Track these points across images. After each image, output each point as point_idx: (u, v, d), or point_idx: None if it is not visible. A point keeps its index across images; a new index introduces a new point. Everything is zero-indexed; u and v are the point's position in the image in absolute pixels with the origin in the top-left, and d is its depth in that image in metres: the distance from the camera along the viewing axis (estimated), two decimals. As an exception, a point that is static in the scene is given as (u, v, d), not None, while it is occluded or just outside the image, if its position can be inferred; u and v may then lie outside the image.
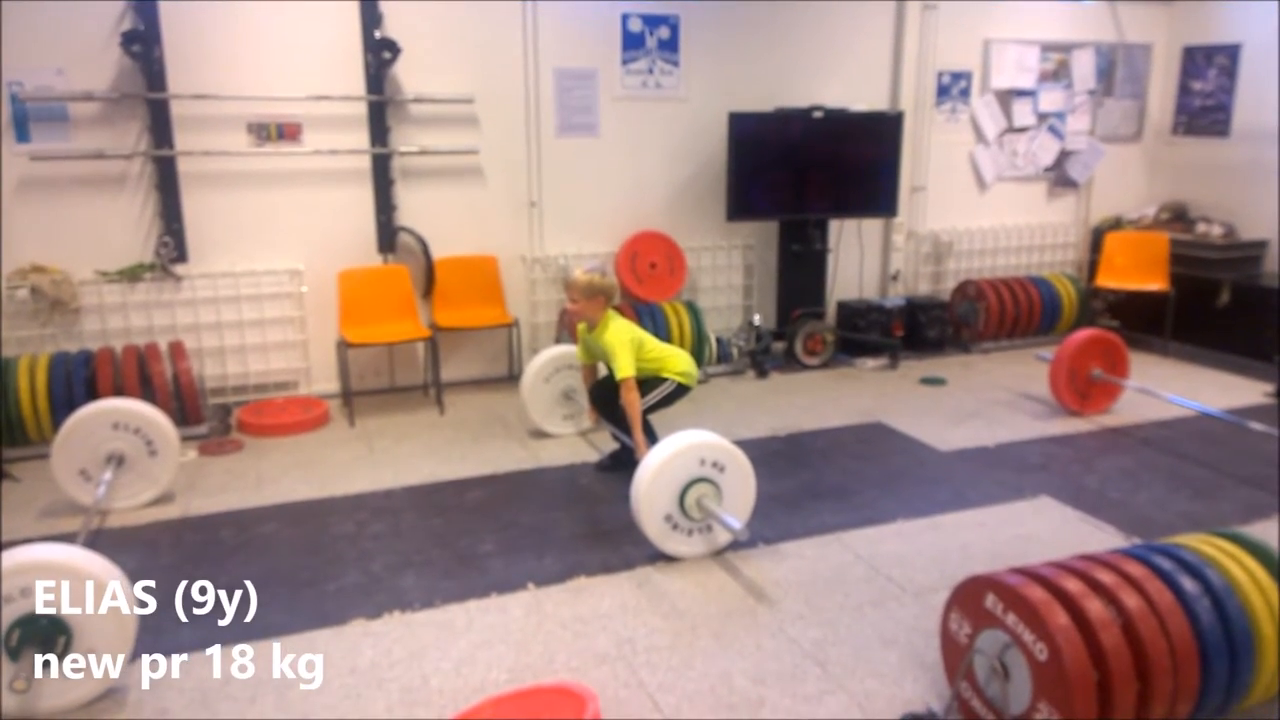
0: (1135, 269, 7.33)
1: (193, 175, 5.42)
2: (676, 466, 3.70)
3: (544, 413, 5.28)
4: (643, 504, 3.69)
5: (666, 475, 3.69)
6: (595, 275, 4.45)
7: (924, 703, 2.84)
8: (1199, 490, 4.53)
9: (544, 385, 5.26)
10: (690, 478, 3.72)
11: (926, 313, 7.06)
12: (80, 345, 5.27)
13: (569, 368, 5.26)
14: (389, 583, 3.63)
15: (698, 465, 3.73)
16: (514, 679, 2.98)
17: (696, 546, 3.81)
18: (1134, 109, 7.84)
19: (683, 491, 3.71)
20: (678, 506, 3.72)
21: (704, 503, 3.72)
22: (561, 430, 5.32)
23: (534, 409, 5.26)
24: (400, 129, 5.80)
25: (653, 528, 3.72)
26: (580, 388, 5.16)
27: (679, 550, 3.79)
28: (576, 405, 5.29)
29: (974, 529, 4.09)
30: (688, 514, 3.74)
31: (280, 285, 5.72)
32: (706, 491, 3.73)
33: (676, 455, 3.71)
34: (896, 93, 7.03)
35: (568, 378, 5.27)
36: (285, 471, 4.80)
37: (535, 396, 5.26)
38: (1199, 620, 2.48)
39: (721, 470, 3.77)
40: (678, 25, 6.31)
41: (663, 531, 3.74)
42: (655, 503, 3.69)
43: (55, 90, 5.08)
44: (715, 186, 6.52)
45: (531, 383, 5.25)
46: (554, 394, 5.28)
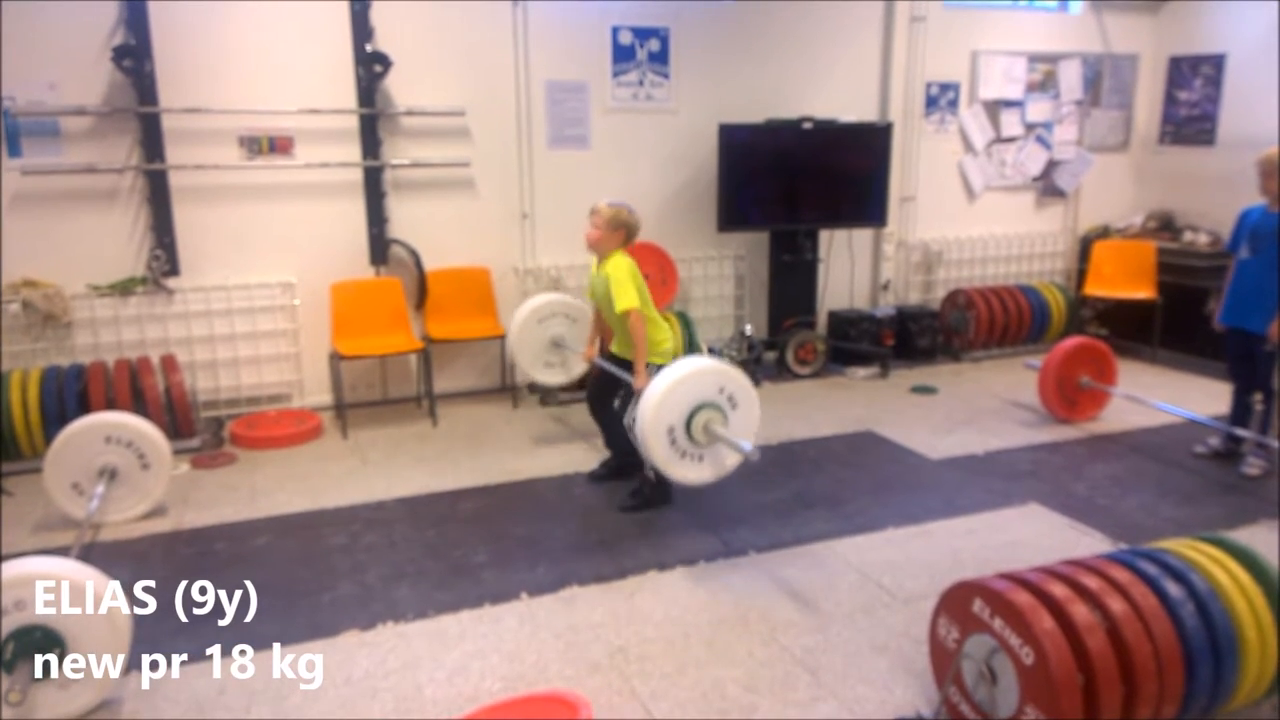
0: (1123, 277, 7.38)
1: (184, 189, 5.44)
2: (694, 385, 3.63)
3: (531, 357, 5.23)
4: (650, 414, 3.59)
5: (682, 390, 3.61)
6: (621, 209, 4.36)
7: (913, 708, 2.86)
8: (1185, 496, 4.57)
9: (536, 327, 5.20)
10: (703, 401, 3.64)
11: (917, 322, 7.11)
12: (72, 359, 5.28)
13: (563, 315, 5.23)
14: (383, 593, 3.64)
15: (715, 391, 3.66)
16: (507, 688, 3.00)
17: (703, 471, 3.75)
18: (1121, 119, 7.91)
19: (692, 412, 3.63)
20: (684, 427, 3.64)
21: (711, 427, 3.65)
22: (544, 378, 5.30)
23: (522, 353, 5.21)
24: (392, 142, 5.83)
25: (657, 443, 3.62)
26: (569, 337, 5.18)
27: (684, 474, 3.72)
28: (563, 355, 5.25)
29: (964, 536, 4.12)
30: (692, 436, 3.66)
31: (273, 298, 5.73)
32: (715, 417, 3.67)
33: (699, 373, 3.65)
34: (885, 103, 7.09)
35: (559, 325, 5.23)
36: (278, 484, 4.81)
37: (525, 338, 5.20)
38: (1183, 624, 2.52)
39: (734, 406, 3.71)
40: (668, 37, 6.36)
41: (666, 449, 3.65)
42: (662, 415, 3.60)
43: (47, 105, 5.10)
44: (706, 197, 6.56)
45: (523, 323, 5.18)
46: (543, 339, 5.23)
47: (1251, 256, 4.78)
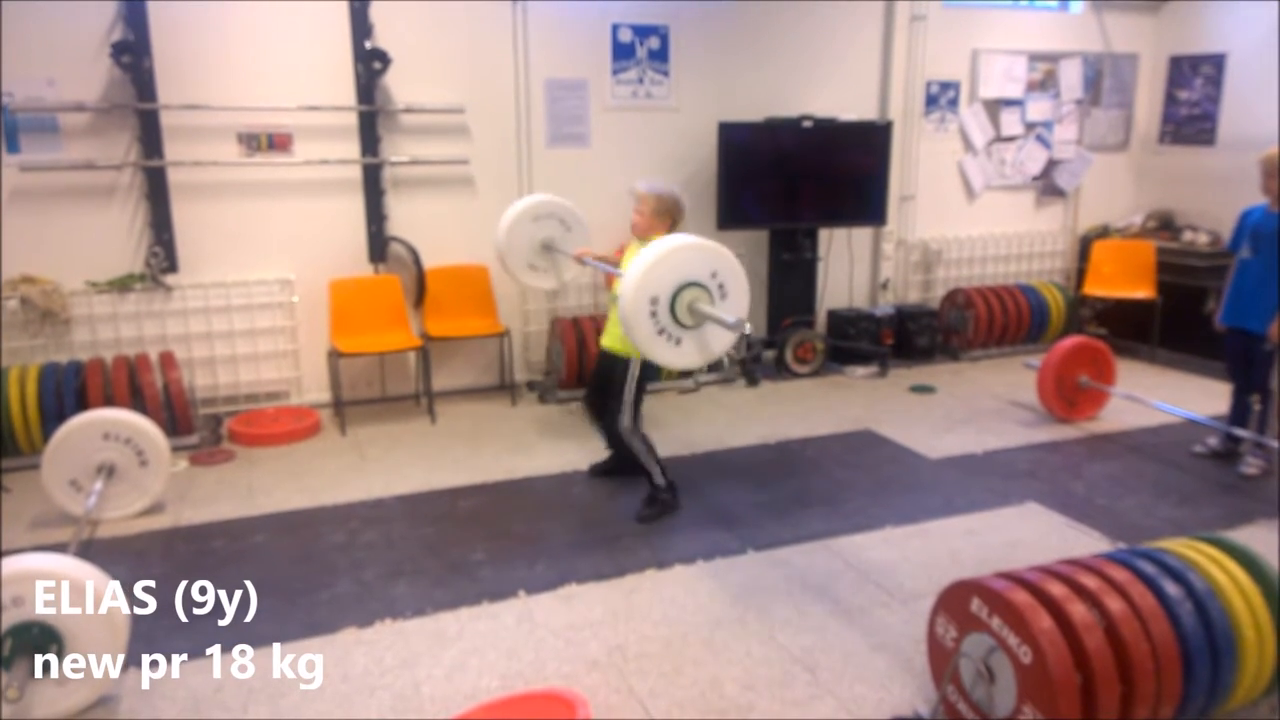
0: (1122, 277, 7.38)
1: (183, 185, 5.43)
2: (682, 260, 3.37)
3: (519, 255, 5.00)
4: (633, 288, 3.34)
5: (668, 265, 3.35)
6: (666, 194, 4.16)
7: (912, 707, 2.86)
8: (1184, 496, 4.57)
9: (530, 225, 4.97)
10: (689, 279, 3.37)
11: (916, 321, 7.10)
12: (70, 356, 5.28)
13: (558, 219, 5.02)
14: (381, 591, 3.64)
15: (705, 274, 3.39)
16: (505, 686, 3.00)
17: (688, 354, 3.50)
18: (1121, 118, 7.91)
19: (677, 290, 3.36)
20: (668, 305, 3.37)
21: (697, 306, 3.38)
22: (528, 281, 5.10)
23: (511, 249, 4.97)
24: (391, 139, 5.82)
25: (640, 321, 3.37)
26: (561, 241, 4.96)
27: (667, 356, 3.49)
28: (549, 262, 5.04)
29: (962, 535, 4.12)
30: (676, 316, 3.39)
31: (271, 295, 5.73)
32: (700, 296, 3.39)
33: (687, 249, 3.39)
34: (885, 102, 7.08)
35: (551, 227, 5.01)
36: (277, 481, 4.80)
37: (517, 235, 4.96)
38: (1181, 623, 2.52)
39: (724, 295, 3.44)
40: (668, 35, 6.35)
41: (649, 328, 3.39)
42: (645, 289, 3.34)
43: (45, 101, 5.10)
44: (705, 195, 6.55)
45: (516, 219, 4.95)
46: (534, 240, 5.00)
47: (1252, 256, 4.78)
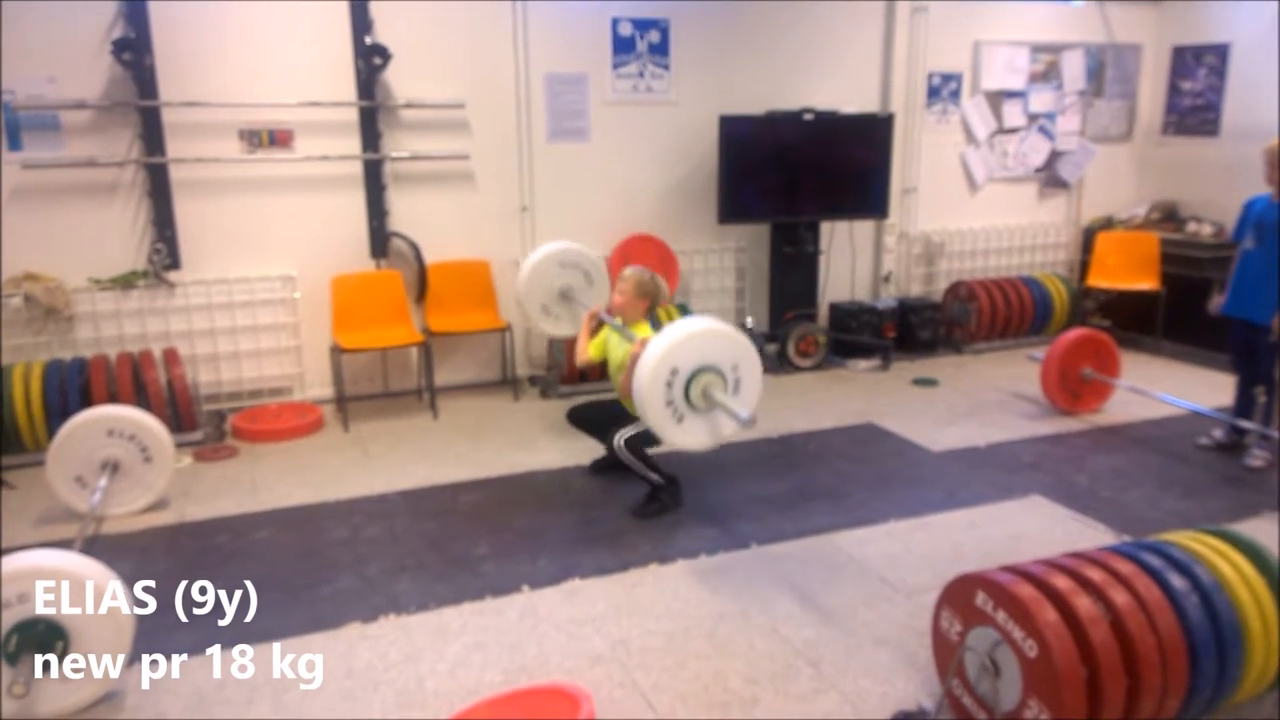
0: (1126, 269, 7.37)
1: (185, 182, 5.43)
2: (713, 343, 3.49)
3: (536, 296, 5.07)
4: (650, 368, 3.42)
5: (701, 342, 3.47)
6: (648, 276, 4.38)
7: (915, 701, 2.86)
8: (1189, 488, 4.56)
9: (557, 269, 5.05)
10: (712, 364, 3.48)
11: (918, 314, 7.09)
12: (74, 353, 5.28)
13: (582, 271, 5.10)
14: (384, 586, 3.64)
15: (729, 366, 3.51)
16: (508, 681, 3.00)
17: (697, 436, 3.59)
18: (1124, 109, 7.88)
19: (697, 370, 3.47)
20: (683, 390, 3.48)
21: (710, 392, 3.47)
22: (539, 322, 5.15)
23: (531, 289, 5.04)
24: (392, 134, 5.81)
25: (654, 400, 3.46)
26: (579, 292, 5.06)
27: (676, 437, 3.56)
28: (566, 310, 5.11)
29: (965, 529, 4.11)
30: (689, 395, 3.49)
31: (273, 291, 5.72)
32: (715, 382, 3.50)
33: (724, 335, 3.52)
34: (887, 95, 7.06)
35: (574, 278, 5.09)
36: (280, 477, 4.81)
37: (540, 275, 5.03)
38: (1187, 616, 2.51)
39: (737, 389, 3.56)
40: (668, 29, 6.33)
41: (661, 408, 3.48)
42: (661, 371, 3.43)
43: (47, 99, 5.09)
44: (707, 189, 6.54)
45: (544, 260, 5.04)
46: (554, 286, 5.07)
47: (1255, 247, 4.76)
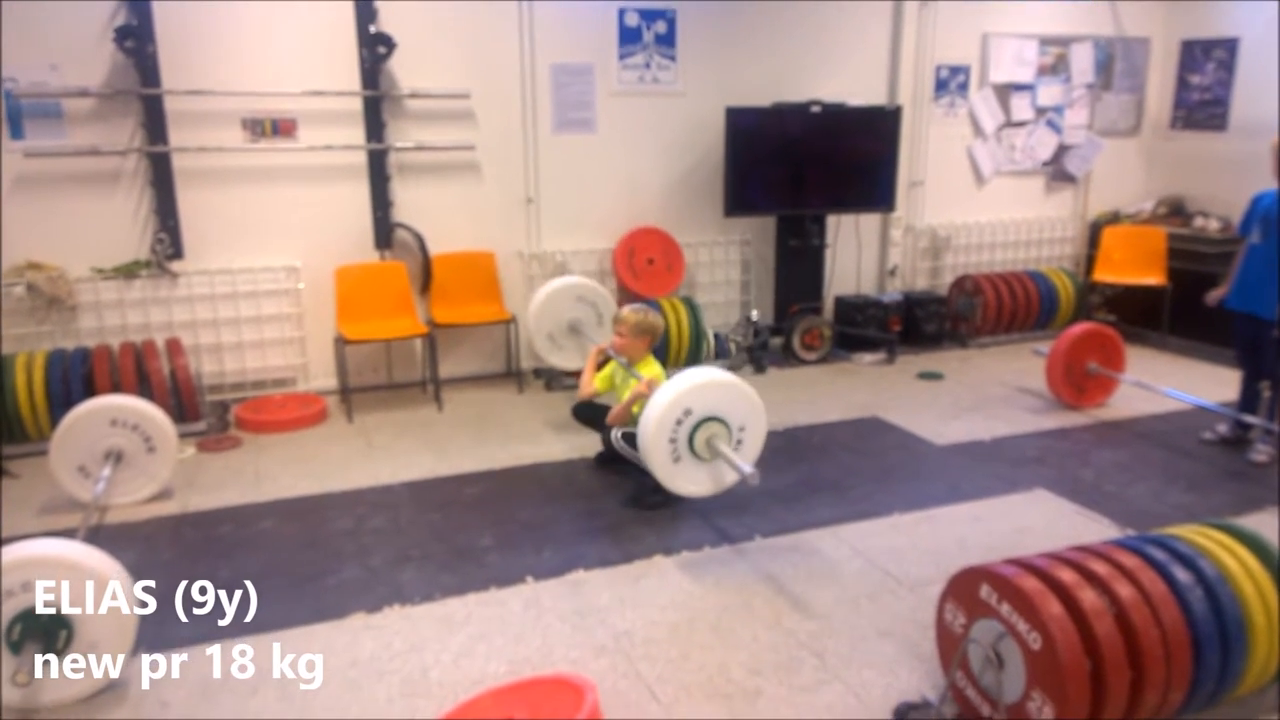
0: (1133, 263, 7.34)
1: (188, 171, 5.42)
2: (728, 397, 3.68)
3: (546, 327, 5.32)
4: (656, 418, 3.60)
5: (717, 392, 3.67)
6: (644, 314, 4.49)
7: (919, 693, 2.85)
8: (1193, 483, 4.54)
9: (572, 301, 5.33)
10: (721, 415, 3.68)
11: (924, 308, 7.07)
12: (77, 342, 5.28)
13: (593, 306, 5.35)
14: (388, 577, 3.64)
15: (737, 425, 3.71)
16: (513, 671, 3.00)
17: (700, 484, 3.79)
18: (1132, 103, 7.84)
19: (697, 425, 3.65)
20: (687, 439, 3.67)
21: (715, 443, 3.67)
22: (542, 349, 5.40)
23: (542, 317, 5.30)
24: (396, 124, 5.80)
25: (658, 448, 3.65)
26: (584, 322, 5.33)
27: (680, 485, 3.74)
28: (572, 342, 5.34)
29: (970, 522, 4.11)
30: (694, 450, 3.69)
31: (277, 282, 5.72)
32: (720, 433, 3.69)
33: (743, 392, 3.71)
34: (894, 87, 7.03)
35: (585, 313, 5.34)
36: (284, 467, 4.81)
37: (554, 306, 5.30)
38: (1192, 610, 2.50)
39: (739, 443, 3.75)
40: (674, 19, 6.31)
41: (666, 456, 3.67)
42: (667, 421, 3.62)
43: (49, 87, 5.08)
44: (712, 182, 6.52)
45: (560, 293, 5.29)
46: (565, 318, 5.33)
47: (1262, 242, 4.75)
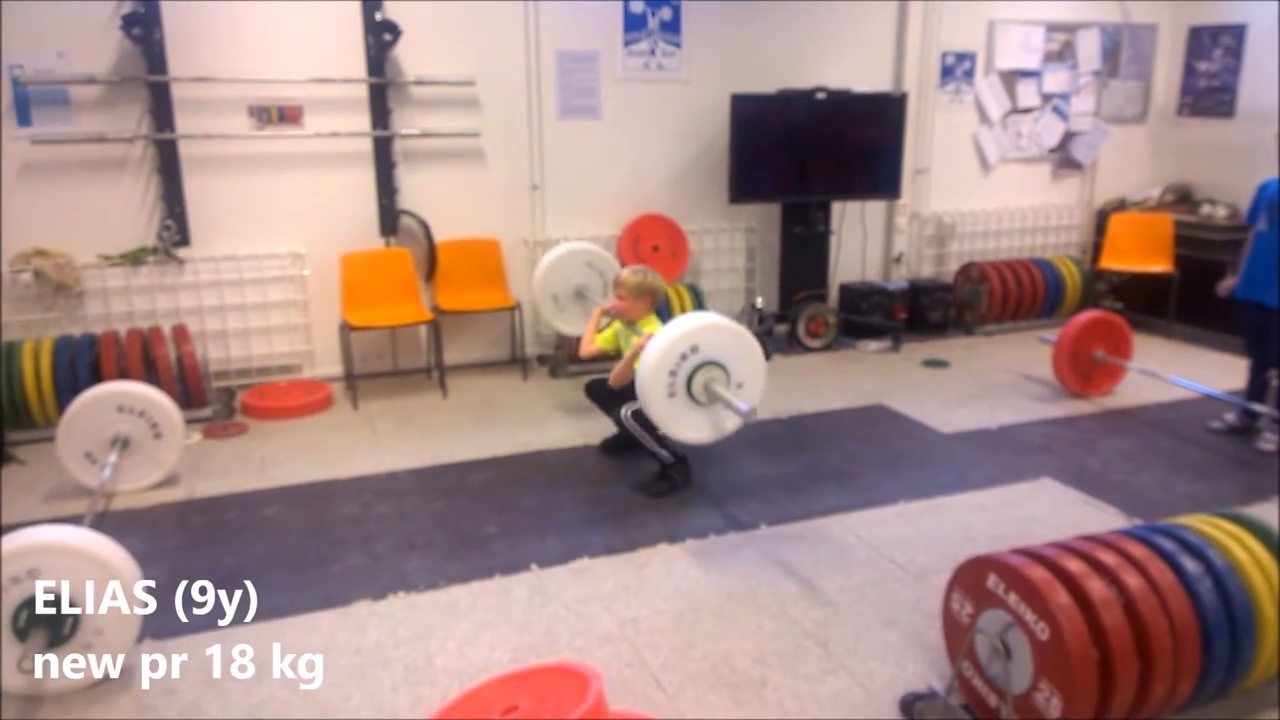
0: (1139, 251, 7.31)
1: (194, 158, 5.41)
2: (724, 340, 3.61)
3: (552, 288, 5.34)
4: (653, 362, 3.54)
5: (711, 334, 3.59)
6: (645, 276, 4.45)
7: (925, 683, 2.86)
8: (1201, 472, 4.54)
9: (582, 267, 5.34)
10: (717, 359, 3.60)
11: (929, 295, 7.05)
12: (84, 329, 5.28)
13: (599, 273, 5.33)
14: (393, 564, 3.65)
15: (737, 364, 3.63)
16: (517, 659, 3.00)
17: (699, 430, 3.71)
18: (1139, 90, 7.80)
19: (698, 366, 3.58)
20: (686, 378, 3.59)
21: (712, 386, 3.60)
22: (546, 311, 5.41)
23: (549, 277, 5.31)
24: (401, 111, 5.78)
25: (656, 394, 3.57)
26: (590, 288, 5.31)
27: (680, 431, 3.68)
28: (578, 307, 5.34)
29: (976, 511, 4.10)
30: (691, 393, 3.61)
31: (283, 268, 5.72)
32: (717, 376, 3.62)
33: (737, 334, 3.63)
34: (900, 74, 6.99)
35: (590, 277, 5.34)
36: (289, 454, 4.81)
37: (563, 268, 5.32)
38: (1200, 600, 2.49)
39: (740, 386, 3.67)
40: (679, 6, 6.27)
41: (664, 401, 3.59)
42: (664, 364, 3.55)
43: (56, 73, 5.07)
44: (717, 169, 6.50)
45: (571, 256, 5.32)
46: (572, 283, 5.34)
47: (1269, 229, 4.72)
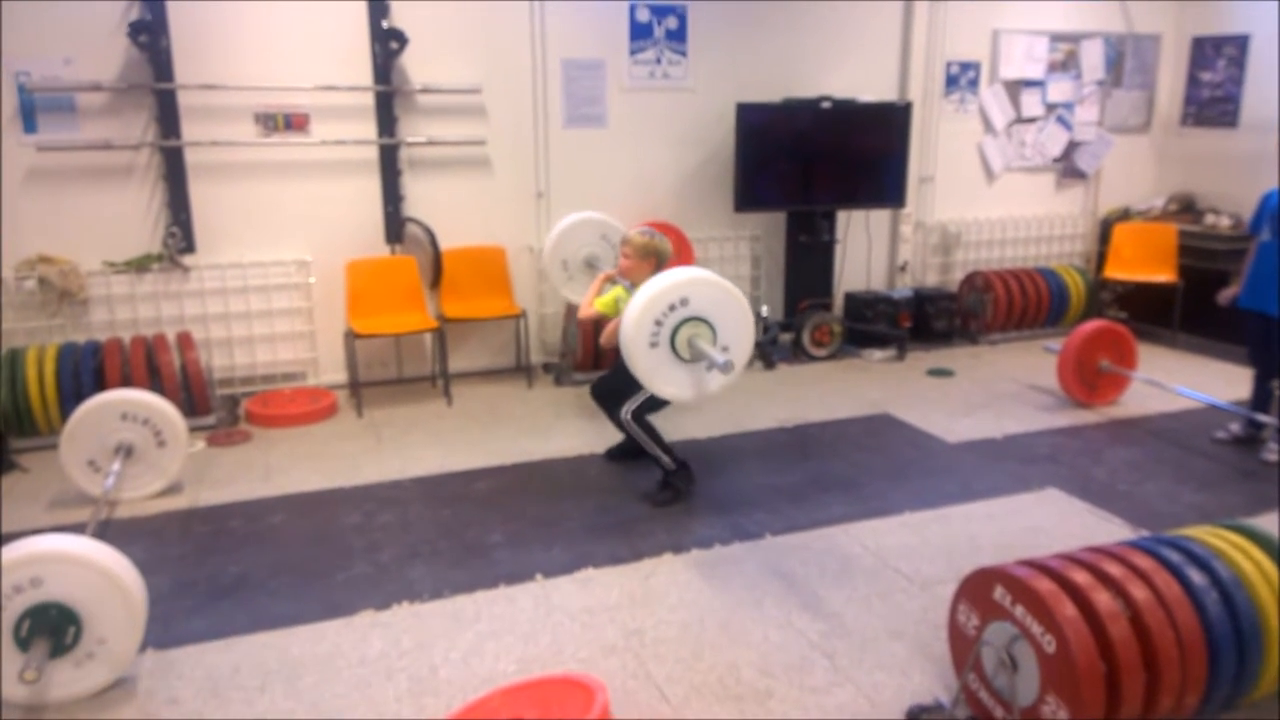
0: (1143, 260, 7.31)
1: (200, 166, 5.42)
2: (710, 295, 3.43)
3: (563, 254, 5.40)
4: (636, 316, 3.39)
5: (695, 288, 3.41)
6: (652, 237, 4.37)
7: (931, 695, 2.84)
8: (1206, 482, 4.52)
9: (594, 237, 5.40)
10: (702, 315, 3.43)
11: (934, 304, 7.05)
12: (88, 336, 5.28)
13: (611, 245, 5.33)
14: (397, 573, 3.64)
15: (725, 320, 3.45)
16: (522, 670, 2.99)
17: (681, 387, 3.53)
18: (1142, 100, 7.80)
19: (684, 320, 3.41)
20: (670, 332, 3.41)
21: (696, 342, 3.42)
22: (555, 278, 5.50)
23: (561, 243, 5.39)
24: (407, 119, 5.79)
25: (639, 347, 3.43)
26: (601, 259, 5.35)
27: (662, 387, 3.51)
28: (587, 276, 5.35)
29: (981, 521, 4.09)
30: (675, 347, 3.44)
31: (288, 276, 5.72)
32: (702, 332, 3.44)
33: (722, 288, 3.45)
34: (905, 83, 7.00)
35: (602, 250, 5.39)
36: (293, 462, 4.81)
37: (577, 235, 5.39)
38: (1207, 612, 2.48)
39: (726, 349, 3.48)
40: (685, 15, 6.29)
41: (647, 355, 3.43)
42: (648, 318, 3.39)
43: (62, 80, 5.08)
44: (723, 177, 6.50)
45: (582, 225, 5.39)
46: (583, 253, 5.39)
47: (1272, 239, 4.72)
